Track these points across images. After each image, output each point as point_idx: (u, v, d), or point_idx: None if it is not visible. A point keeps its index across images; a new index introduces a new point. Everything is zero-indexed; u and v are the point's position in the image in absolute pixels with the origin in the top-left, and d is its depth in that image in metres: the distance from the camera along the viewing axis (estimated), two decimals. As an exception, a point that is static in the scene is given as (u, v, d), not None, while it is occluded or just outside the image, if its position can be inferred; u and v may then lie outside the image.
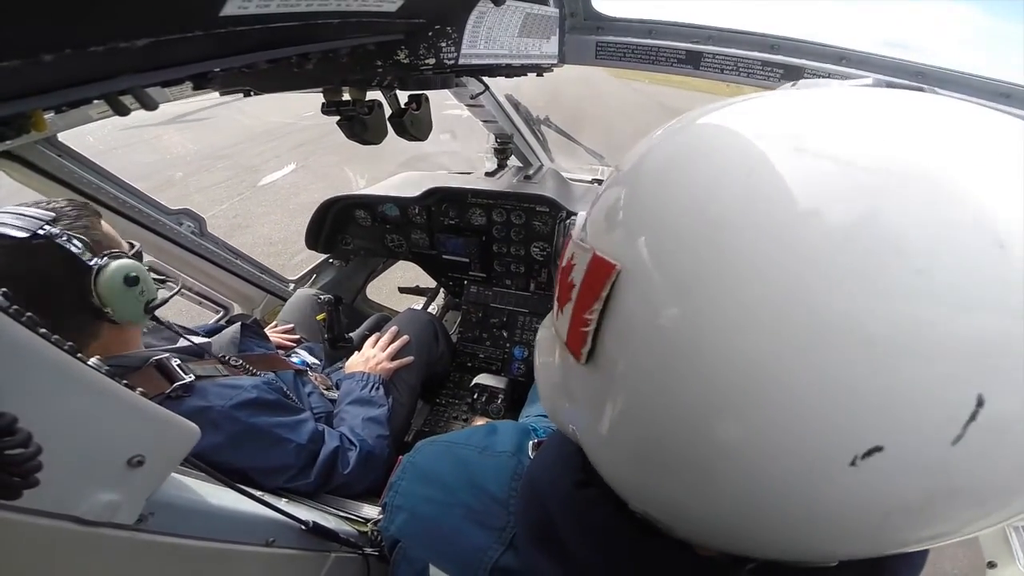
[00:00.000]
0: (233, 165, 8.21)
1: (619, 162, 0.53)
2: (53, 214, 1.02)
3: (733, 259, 0.35)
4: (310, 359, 1.90)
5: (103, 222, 1.13)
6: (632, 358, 0.40)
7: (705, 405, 0.36)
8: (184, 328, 1.58)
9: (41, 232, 0.97)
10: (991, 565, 1.32)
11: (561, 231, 0.59)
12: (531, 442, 0.77)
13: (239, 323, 1.57)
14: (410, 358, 1.94)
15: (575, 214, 2.16)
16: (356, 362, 1.85)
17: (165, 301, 1.15)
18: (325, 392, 1.71)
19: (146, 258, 1.69)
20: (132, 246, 1.17)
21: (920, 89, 0.44)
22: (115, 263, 1.05)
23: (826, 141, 0.36)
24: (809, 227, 0.33)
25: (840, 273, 0.31)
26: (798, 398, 0.32)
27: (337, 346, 2.06)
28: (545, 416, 1.52)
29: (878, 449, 0.31)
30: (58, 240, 0.99)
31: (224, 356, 1.41)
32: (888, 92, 0.42)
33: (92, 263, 1.02)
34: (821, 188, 0.34)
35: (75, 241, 1.01)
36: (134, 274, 1.06)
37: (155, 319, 1.20)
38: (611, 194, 0.48)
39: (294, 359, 1.81)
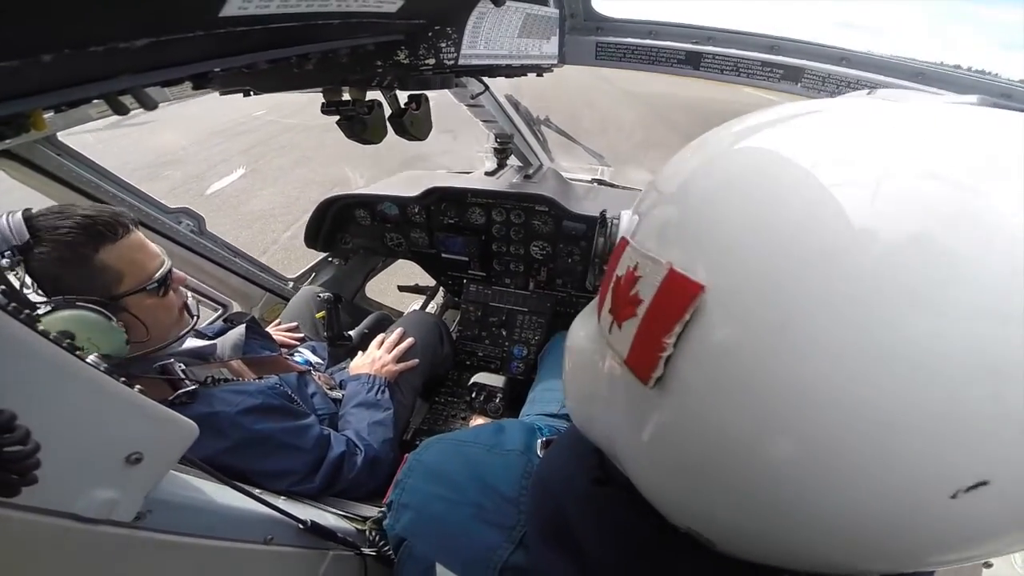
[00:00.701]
0: (180, 172, 8.04)
1: (682, 159, 0.49)
2: (27, 236, 0.97)
3: (844, 290, 0.32)
4: (313, 358, 1.90)
5: (123, 243, 1.09)
6: (716, 386, 0.37)
7: (798, 438, 0.34)
8: (194, 329, 1.58)
9: (1, 256, 0.93)
10: (987, 564, 1.32)
11: (607, 232, 0.55)
12: (539, 440, 0.77)
13: (244, 325, 1.56)
14: (415, 360, 1.93)
15: (575, 226, 2.16)
16: (361, 363, 1.84)
17: (122, 359, 1.06)
18: (329, 392, 1.70)
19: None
20: (148, 280, 1.12)
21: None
22: (52, 316, 0.95)
23: (951, 169, 0.33)
24: (929, 264, 0.31)
25: (970, 307, 0.30)
26: (907, 431, 0.31)
27: (336, 344, 2.06)
28: (548, 415, 1.52)
29: (984, 483, 0.31)
30: (4, 272, 0.93)
31: (229, 359, 1.40)
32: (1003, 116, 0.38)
33: (39, 306, 0.94)
34: (940, 217, 0.31)
35: (19, 276, 0.94)
36: (68, 331, 0.94)
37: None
38: (684, 203, 0.44)
39: (297, 358, 1.81)
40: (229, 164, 8.27)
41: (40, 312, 0.94)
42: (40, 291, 0.97)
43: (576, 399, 0.59)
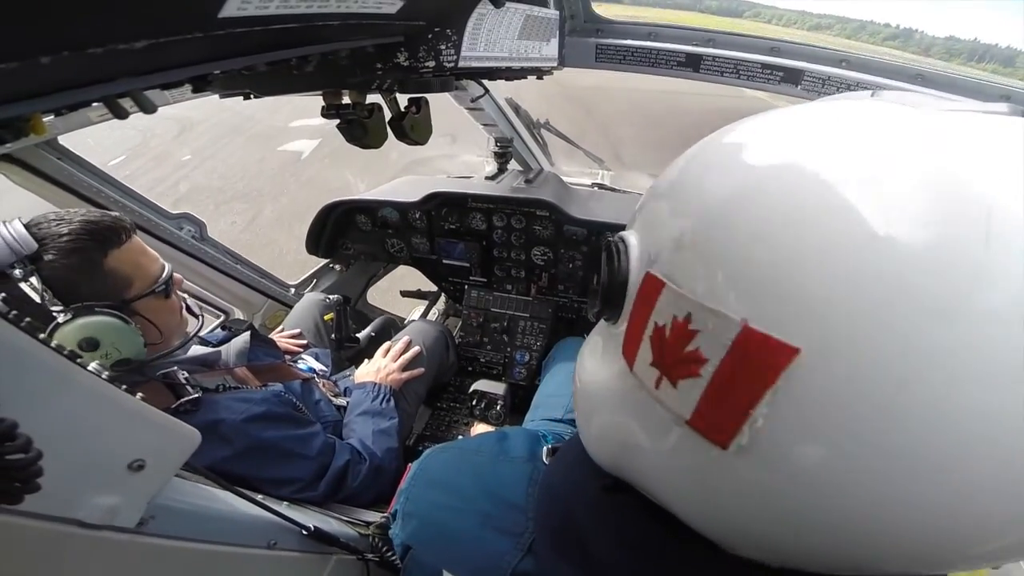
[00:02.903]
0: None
1: (709, 170, 0.45)
2: (35, 245, 0.96)
3: (960, 350, 0.31)
4: (317, 365, 1.89)
5: (127, 247, 1.09)
6: (819, 446, 0.35)
7: (927, 488, 0.33)
8: (198, 336, 1.58)
9: (12, 267, 0.93)
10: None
11: (615, 262, 0.49)
12: (544, 448, 0.76)
13: (248, 332, 1.56)
14: (421, 369, 1.92)
15: (576, 230, 2.15)
16: (367, 372, 1.83)
17: (141, 365, 1.09)
18: (333, 399, 1.70)
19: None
20: (153, 283, 1.13)
21: None
22: (74, 324, 0.96)
23: None
24: None
25: None
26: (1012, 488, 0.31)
27: (344, 346, 2.05)
28: (553, 420, 1.52)
29: None
30: (19, 283, 0.93)
31: (233, 367, 1.40)
32: None
33: (57, 314, 0.95)
34: None
35: (36, 286, 0.94)
36: (93, 338, 0.98)
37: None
38: (739, 238, 0.39)
39: (301, 365, 1.81)
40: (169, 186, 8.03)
41: (61, 320, 0.95)
42: (56, 300, 0.97)
43: (596, 441, 0.56)
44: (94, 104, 0.48)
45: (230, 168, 7.73)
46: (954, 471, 0.32)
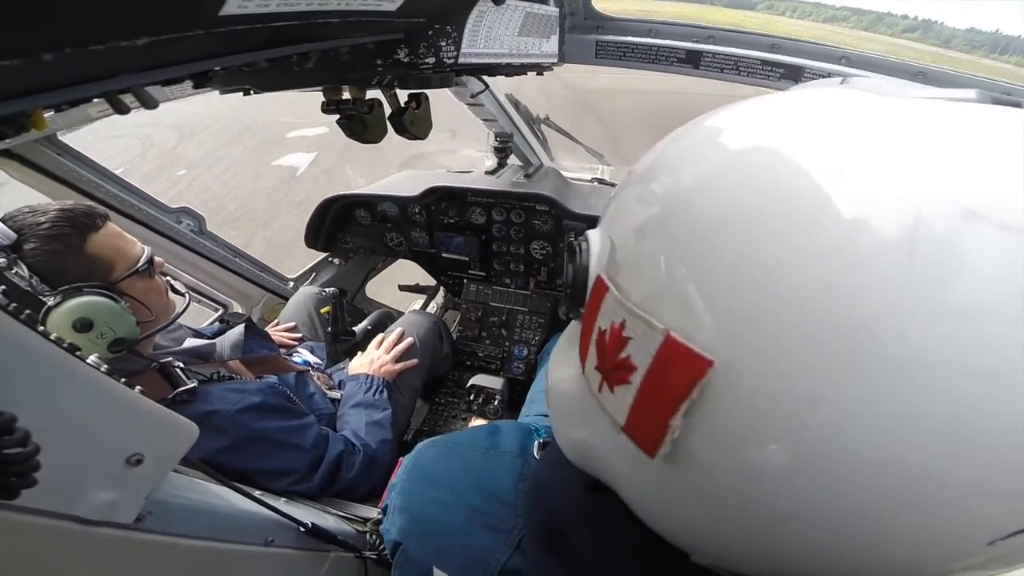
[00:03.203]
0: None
1: (664, 171, 0.43)
2: (15, 235, 0.97)
3: (885, 362, 0.30)
4: (312, 358, 1.89)
5: (104, 232, 1.10)
6: (736, 460, 0.35)
7: (839, 509, 0.32)
8: (192, 329, 1.58)
9: None
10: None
11: (576, 260, 0.49)
12: (536, 442, 0.76)
13: (243, 324, 1.57)
14: (414, 361, 1.93)
15: (575, 225, 2.15)
16: (360, 364, 1.84)
17: (136, 343, 1.08)
18: (327, 392, 1.71)
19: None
20: (135, 263, 1.13)
21: (1019, 104, 0.39)
22: (65, 306, 0.97)
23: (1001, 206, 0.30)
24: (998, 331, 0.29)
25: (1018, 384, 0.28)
26: (952, 493, 0.30)
27: (340, 339, 2.05)
28: (545, 416, 1.52)
29: (1022, 531, 0.30)
30: (5, 272, 0.94)
31: (228, 359, 1.40)
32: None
33: (47, 298, 0.96)
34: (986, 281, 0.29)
35: (22, 273, 0.95)
36: (86, 318, 0.98)
37: (133, 352, 1.13)
38: (675, 245, 0.38)
39: (296, 358, 1.81)
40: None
41: (52, 304, 0.96)
42: (44, 285, 0.98)
43: (567, 442, 0.56)
44: (95, 100, 0.48)
45: (224, 185, 7.62)
46: (866, 489, 0.31)
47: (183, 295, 1.33)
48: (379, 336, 1.96)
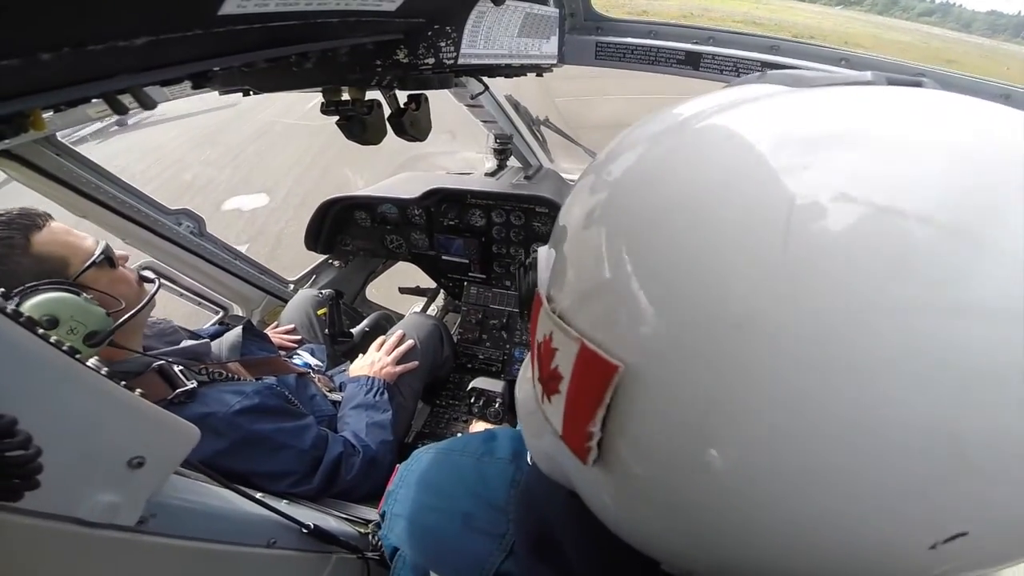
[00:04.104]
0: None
1: (588, 186, 0.43)
2: None
3: (775, 363, 0.29)
4: (312, 361, 1.89)
5: (49, 230, 1.08)
6: (654, 465, 0.35)
7: (756, 509, 0.32)
8: (187, 331, 1.58)
9: None
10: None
11: (523, 276, 0.55)
12: None
13: (241, 326, 1.56)
14: (415, 363, 1.92)
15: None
16: (361, 365, 1.83)
17: (111, 333, 1.04)
18: (328, 394, 1.70)
19: (143, 258, 1.67)
20: (90, 257, 1.11)
21: (918, 84, 0.40)
22: (24, 307, 0.93)
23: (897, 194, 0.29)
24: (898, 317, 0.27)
25: (929, 380, 0.27)
26: (877, 497, 0.29)
27: (338, 341, 2.05)
28: None
29: (962, 534, 0.29)
30: None
31: (226, 360, 1.40)
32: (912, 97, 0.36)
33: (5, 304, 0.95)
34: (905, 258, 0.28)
35: None
36: (49, 315, 0.95)
37: (114, 344, 1.10)
38: (585, 252, 0.40)
39: (296, 360, 1.81)
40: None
41: (10, 308, 0.93)
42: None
43: (534, 451, 0.57)
44: (93, 100, 0.48)
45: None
46: (778, 495, 0.31)
47: (153, 281, 1.30)
48: (380, 338, 1.95)
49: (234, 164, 7.93)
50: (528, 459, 0.73)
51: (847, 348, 0.28)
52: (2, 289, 0.88)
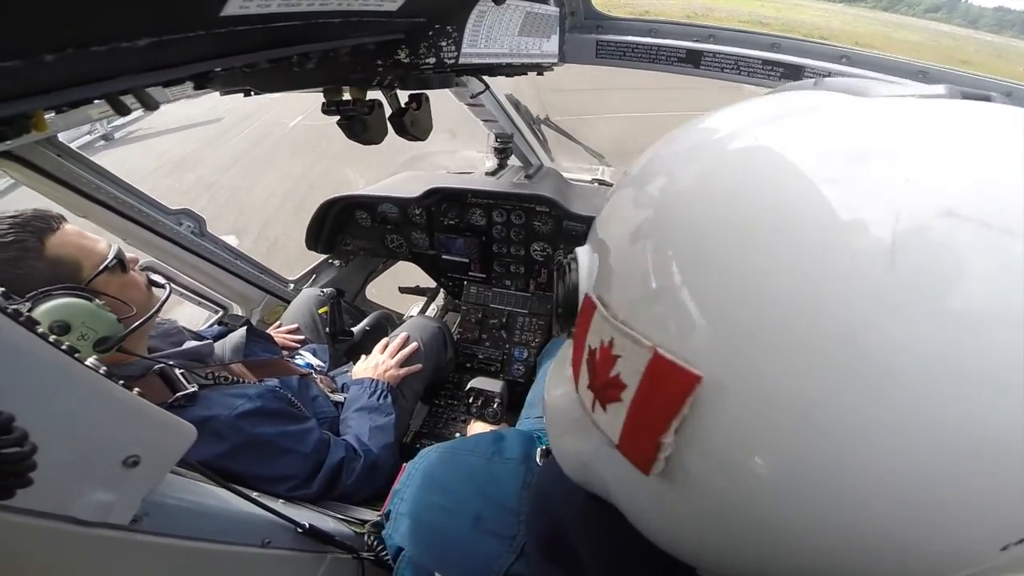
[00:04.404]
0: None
1: (652, 190, 0.42)
2: None
3: (870, 371, 0.29)
4: (315, 361, 1.89)
5: (63, 232, 1.08)
6: (731, 475, 0.34)
7: (841, 524, 0.32)
8: (191, 331, 1.58)
9: None
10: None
11: (566, 279, 0.49)
12: (539, 449, 0.76)
13: (244, 327, 1.56)
14: (419, 366, 1.92)
15: (576, 226, 2.14)
16: (364, 368, 1.83)
17: (121, 339, 1.04)
18: (330, 395, 1.70)
19: (144, 258, 1.67)
20: (103, 260, 1.10)
21: (987, 98, 0.39)
22: (36, 312, 0.93)
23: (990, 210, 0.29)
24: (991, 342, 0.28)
25: (1007, 388, 0.27)
26: (955, 503, 0.30)
27: (338, 339, 2.05)
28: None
29: None
30: None
31: (229, 362, 1.40)
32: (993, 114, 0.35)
33: (17, 307, 0.92)
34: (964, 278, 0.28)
35: None
36: (62, 321, 0.95)
37: (122, 350, 1.09)
38: (662, 261, 0.38)
39: (298, 361, 1.81)
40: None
41: (13, 309, 0.93)
42: (13, 296, 0.94)
43: (565, 458, 0.56)
44: (96, 101, 0.48)
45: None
46: (862, 500, 0.31)
47: (163, 287, 1.30)
48: (384, 340, 1.95)
49: (209, 194, 7.61)
50: (537, 460, 0.73)
51: (949, 357, 0.28)
52: (2, 289, 0.88)
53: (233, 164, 8.69)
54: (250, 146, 9.28)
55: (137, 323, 1.11)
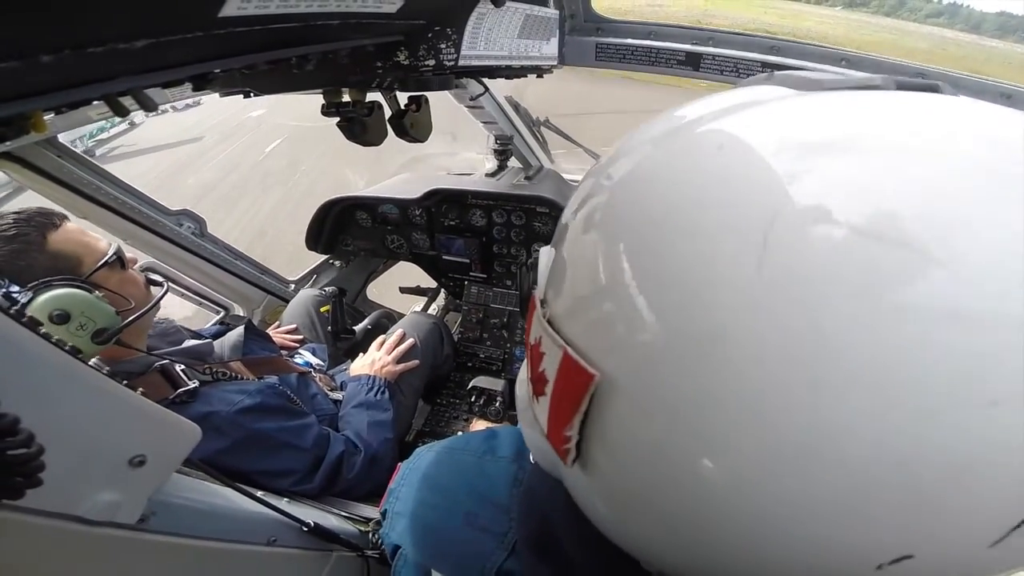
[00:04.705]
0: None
1: (590, 200, 0.43)
2: None
3: (734, 385, 0.29)
4: (314, 360, 1.90)
5: (64, 229, 1.10)
6: (625, 472, 0.37)
7: (715, 527, 0.33)
8: (189, 331, 1.58)
9: None
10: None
11: (524, 276, 0.56)
12: None
13: (243, 326, 1.57)
14: (416, 362, 1.93)
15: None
16: (361, 364, 1.84)
17: (119, 331, 1.05)
18: (329, 393, 1.71)
19: (144, 258, 1.68)
20: (103, 257, 1.13)
21: (935, 88, 0.38)
22: (38, 300, 0.95)
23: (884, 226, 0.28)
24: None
25: (881, 403, 0.27)
26: (825, 518, 0.29)
27: (341, 338, 2.05)
28: None
29: (908, 557, 0.29)
30: None
31: (228, 360, 1.40)
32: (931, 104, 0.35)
33: (18, 297, 0.95)
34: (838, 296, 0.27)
35: None
36: (62, 310, 0.96)
37: (120, 343, 1.11)
38: (580, 261, 0.40)
39: (297, 360, 1.81)
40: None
41: (24, 301, 0.95)
42: (15, 286, 0.97)
43: (531, 446, 0.58)
44: (94, 102, 0.49)
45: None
46: (747, 499, 0.31)
47: (160, 284, 1.32)
48: (380, 337, 1.96)
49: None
50: (530, 458, 0.74)
51: (806, 363, 0.28)
52: (4, 288, 0.89)
53: (210, 190, 8.83)
54: (224, 173, 9.35)
55: (135, 316, 1.12)
